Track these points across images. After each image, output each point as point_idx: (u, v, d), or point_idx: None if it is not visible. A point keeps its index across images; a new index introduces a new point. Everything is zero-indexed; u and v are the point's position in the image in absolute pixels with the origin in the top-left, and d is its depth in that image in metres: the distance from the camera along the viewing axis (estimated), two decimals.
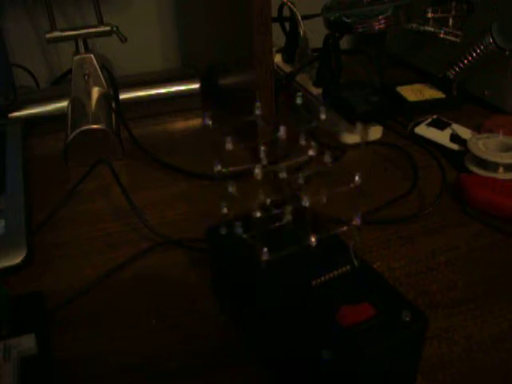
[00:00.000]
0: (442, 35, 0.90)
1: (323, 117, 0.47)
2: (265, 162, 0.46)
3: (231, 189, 0.45)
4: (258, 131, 0.48)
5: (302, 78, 0.98)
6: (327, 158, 0.48)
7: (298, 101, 0.47)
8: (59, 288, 0.59)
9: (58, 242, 0.67)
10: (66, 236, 0.68)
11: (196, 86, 0.99)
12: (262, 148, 0.46)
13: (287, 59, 1.06)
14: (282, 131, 0.45)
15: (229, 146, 0.43)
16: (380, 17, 0.82)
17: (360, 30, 0.83)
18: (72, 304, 0.57)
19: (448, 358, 0.51)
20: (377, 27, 0.82)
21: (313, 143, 0.48)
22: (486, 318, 0.55)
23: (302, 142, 0.48)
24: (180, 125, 0.96)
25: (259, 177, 0.43)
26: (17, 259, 0.61)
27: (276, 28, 1.04)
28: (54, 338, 0.53)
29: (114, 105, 0.89)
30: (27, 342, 0.49)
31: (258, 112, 0.48)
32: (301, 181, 0.49)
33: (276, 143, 0.47)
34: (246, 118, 0.48)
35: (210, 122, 0.45)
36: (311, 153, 0.46)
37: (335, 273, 0.44)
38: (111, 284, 0.60)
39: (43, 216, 0.70)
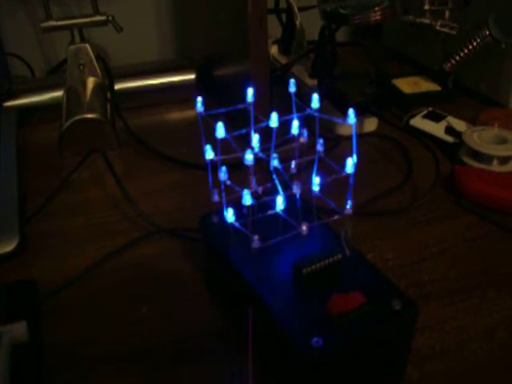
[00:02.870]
0: (438, 27, 0.89)
1: (316, 105, 0.47)
2: (257, 150, 0.46)
3: (223, 176, 0.45)
4: (250, 119, 0.47)
5: (298, 70, 0.98)
6: (320, 147, 0.48)
7: (292, 88, 0.47)
8: (51, 276, 0.59)
9: (52, 231, 0.67)
10: (59, 225, 0.68)
11: (192, 76, 0.98)
12: (255, 136, 0.46)
13: (283, 51, 1.06)
14: (275, 119, 0.45)
15: (220, 132, 0.43)
16: (376, 8, 0.81)
17: (356, 21, 0.83)
18: (64, 292, 0.57)
19: (439, 348, 0.51)
20: (373, 18, 0.82)
21: (306, 132, 0.48)
22: (477, 309, 0.55)
23: (295, 131, 0.48)
24: (175, 115, 0.96)
25: (250, 163, 0.43)
26: (9, 247, 0.61)
27: (273, 19, 1.04)
28: (45, 325, 0.53)
29: (109, 95, 0.89)
30: (19, 329, 0.49)
31: (251, 99, 0.48)
32: (293, 169, 0.49)
33: (269, 131, 0.47)
34: (240, 106, 0.48)
35: (203, 109, 0.45)
36: (302, 140, 0.46)
37: (326, 261, 0.44)
38: (104, 272, 0.60)
39: (37, 205, 0.70)
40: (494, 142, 0.76)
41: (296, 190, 0.45)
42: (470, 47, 0.89)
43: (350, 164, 0.44)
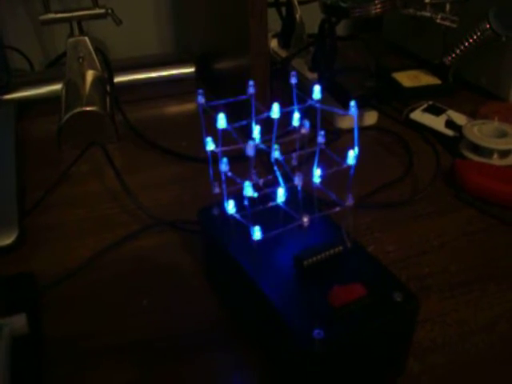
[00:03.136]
0: (438, 21, 0.89)
1: (318, 96, 0.47)
2: (258, 141, 0.46)
3: (224, 168, 0.44)
4: (251, 111, 0.47)
5: (298, 63, 0.98)
6: (321, 139, 0.48)
7: (293, 80, 0.47)
8: (51, 268, 0.59)
9: (51, 224, 0.66)
10: (58, 218, 0.67)
11: (191, 69, 0.98)
12: (256, 127, 0.46)
13: (283, 44, 1.05)
14: (276, 110, 0.45)
15: (222, 123, 0.43)
16: (376, 1, 0.81)
17: (356, 14, 0.82)
18: (63, 284, 0.57)
19: (440, 341, 0.51)
20: (373, 11, 0.82)
21: (307, 123, 0.47)
22: (478, 302, 0.55)
23: (297, 123, 0.48)
24: (174, 108, 0.95)
25: (251, 154, 0.42)
26: (8, 240, 0.61)
27: (272, 13, 1.04)
28: (45, 318, 0.53)
29: (108, 88, 0.89)
30: (18, 322, 0.49)
31: (251, 91, 0.47)
32: (294, 161, 0.49)
33: (270, 123, 0.46)
34: (241, 97, 0.47)
35: (204, 100, 0.45)
36: (304, 131, 0.45)
37: (327, 253, 0.44)
38: (103, 265, 0.60)
39: (36, 197, 0.70)
40: (494, 135, 0.76)
41: (297, 181, 0.45)
42: (471, 41, 0.89)
43: (352, 156, 0.44)
